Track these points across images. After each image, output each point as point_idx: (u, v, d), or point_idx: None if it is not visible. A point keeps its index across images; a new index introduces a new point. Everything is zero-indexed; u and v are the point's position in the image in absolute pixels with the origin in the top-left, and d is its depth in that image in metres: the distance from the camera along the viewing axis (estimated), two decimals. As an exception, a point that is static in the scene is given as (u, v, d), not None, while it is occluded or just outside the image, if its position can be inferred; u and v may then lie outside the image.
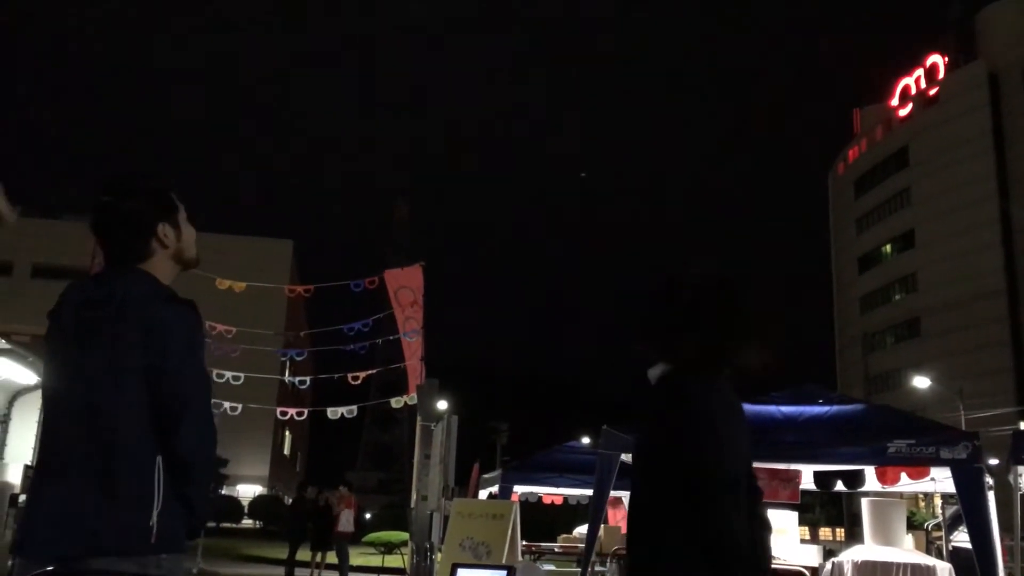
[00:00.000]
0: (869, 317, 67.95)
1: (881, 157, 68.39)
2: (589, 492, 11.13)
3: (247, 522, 44.33)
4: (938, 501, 17.90)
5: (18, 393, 9.81)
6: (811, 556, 10.23)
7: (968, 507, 7.62)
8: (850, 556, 9.18)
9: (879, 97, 70.15)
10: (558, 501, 16.89)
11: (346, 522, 17.04)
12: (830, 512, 49.29)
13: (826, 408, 8.66)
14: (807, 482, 9.95)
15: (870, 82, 71.31)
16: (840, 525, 45.74)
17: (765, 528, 2.58)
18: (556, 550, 17.29)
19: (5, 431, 10.77)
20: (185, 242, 2.51)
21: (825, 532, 49.97)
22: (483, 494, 14.79)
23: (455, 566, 1.89)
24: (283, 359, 18.16)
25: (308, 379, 13.93)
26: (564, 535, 19.14)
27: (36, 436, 8.72)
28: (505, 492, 13.77)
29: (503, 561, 8.95)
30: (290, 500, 21.31)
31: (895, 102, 67.57)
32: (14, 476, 8.39)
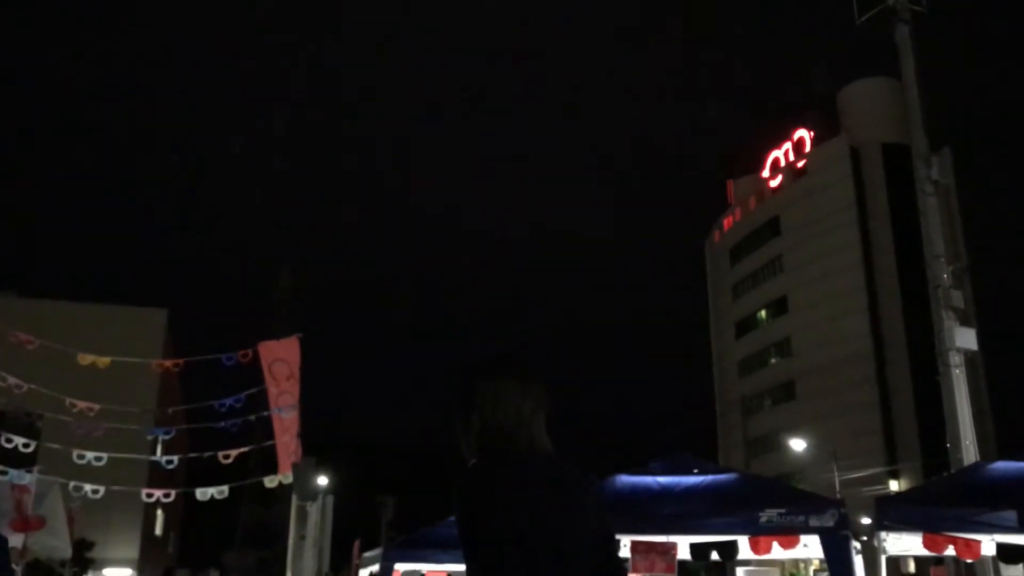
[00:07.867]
0: (747, 381, 69.98)
1: (754, 226, 71.30)
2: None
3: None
4: (815, 563, 18.31)
5: None
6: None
7: (836, 572, 7.81)
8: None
9: (751, 168, 73.38)
10: (442, 578, 16.45)
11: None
12: (715, 576, 49.70)
13: (700, 478, 8.75)
14: (683, 553, 9.99)
15: (743, 154, 74.43)
16: (724, 589, 46.08)
17: None
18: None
19: None
20: None
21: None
22: (364, 573, 14.32)
23: None
24: (149, 437, 17.31)
25: (176, 458, 13.29)
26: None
27: None
28: (386, 571, 13.33)
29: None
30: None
31: (766, 173, 70.84)
32: None
